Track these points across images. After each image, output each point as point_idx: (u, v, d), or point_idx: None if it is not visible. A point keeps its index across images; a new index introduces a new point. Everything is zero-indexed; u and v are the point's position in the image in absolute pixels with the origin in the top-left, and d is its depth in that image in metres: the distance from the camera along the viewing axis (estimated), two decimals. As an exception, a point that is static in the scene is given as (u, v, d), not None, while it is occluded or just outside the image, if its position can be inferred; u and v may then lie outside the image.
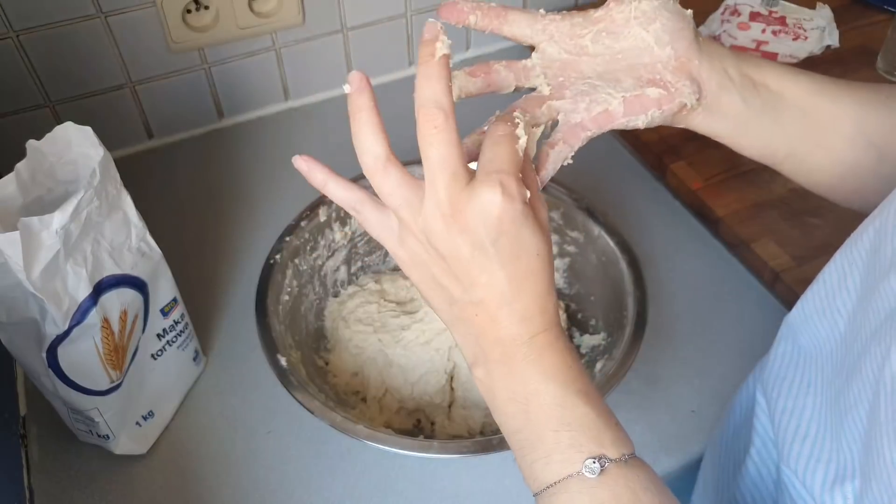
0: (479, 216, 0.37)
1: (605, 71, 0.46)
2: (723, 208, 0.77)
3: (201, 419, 0.65)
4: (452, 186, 0.37)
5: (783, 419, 0.45)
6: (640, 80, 0.45)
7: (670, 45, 0.45)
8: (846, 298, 0.42)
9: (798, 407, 0.44)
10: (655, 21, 0.45)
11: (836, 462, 0.40)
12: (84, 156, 0.52)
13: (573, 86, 0.46)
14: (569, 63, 0.47)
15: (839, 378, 0.40)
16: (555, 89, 0.46)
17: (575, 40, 0.46)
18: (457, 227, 0.37)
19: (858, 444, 0.37)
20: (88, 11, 0.77)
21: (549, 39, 0.46)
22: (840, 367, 0.41)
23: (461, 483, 0.60)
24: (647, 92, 0.45)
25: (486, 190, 0.36)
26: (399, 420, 0.64)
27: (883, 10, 1.00)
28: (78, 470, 0.61)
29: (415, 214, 0.38)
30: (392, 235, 0.41)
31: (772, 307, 0.72)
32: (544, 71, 0.47)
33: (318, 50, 0.92)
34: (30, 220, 0.45)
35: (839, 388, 0.40)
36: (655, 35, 0.45)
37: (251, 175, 0.87)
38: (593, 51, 0.46)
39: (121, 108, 0.86)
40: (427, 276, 0.40)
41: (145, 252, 0.56)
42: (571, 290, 0.71)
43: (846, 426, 0.38)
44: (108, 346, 0.54)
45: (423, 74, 0.37)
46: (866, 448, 0.36)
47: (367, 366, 0.65)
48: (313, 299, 0.69)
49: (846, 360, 0.40)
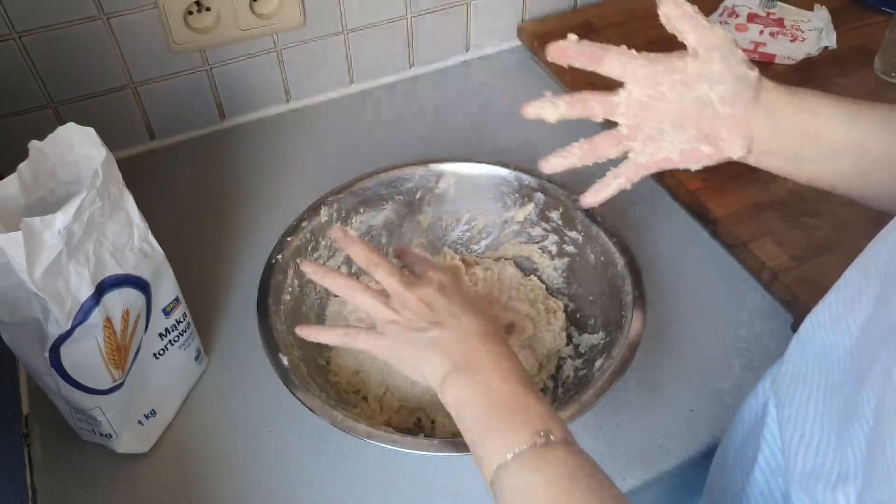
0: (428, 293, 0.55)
1: (675, 116, 0.53)
2: (721, 209, 0.77)
3: (203, 418, 0.65)
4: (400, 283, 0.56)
5: (788, 427, 0.46)
6: (701, 132, 0.53)
7: (731, 105, 0.51)
8: (860, 310, 0.42)
9: (802, 414, 0.45)
10: (721, 83, 0.51)
11: (839, 466, 0.40)
12: (86, 156, 0.52)
13: (646, 128, 0.54)
14: (647, 106, 0.53)
15: (848, 386, 0.41)
16: (630, 130, 0.55)
17: (655, 87, 0.53)
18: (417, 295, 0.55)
19: (863, 447, 0.37)
20: (90, 13, 0.77)
21: (635, 81, 0.53)
22: (850, 375, 0.41)
23: (461, 481, 0.61)
24: (702, 147, 0.53)
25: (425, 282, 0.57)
26: (399, 419, 0.64)
27: (880, 11, 1.01)
28: (80, 469, 0.61)
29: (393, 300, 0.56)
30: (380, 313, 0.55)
31: (770, 307, 0.73)
32: (626, 110, 0.54)
33: (319, 51, 0.92)
34: (32, 221, 0.46)
35: (847, 395, 0.40)
36: (719, 95, 0.51)
37: (252, 175, 0.87)
38: (669, 97, 0.53)
39: (123, 109, 0.86)
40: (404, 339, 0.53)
41: (147, 252, 0.56)
42: (570, 289, 0.72)
43: (852, 432, 0.38)
44: (111, 345, 0.54)
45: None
46: (869, 448, 0.36)
47: (368, 365, 0.65)
48: (314, 299, 0.69)
49: (856, 368, 0.40)
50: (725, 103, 0.51)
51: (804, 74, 0.92)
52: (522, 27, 1.03)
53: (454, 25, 0.99)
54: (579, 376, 0.64)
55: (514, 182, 0.72)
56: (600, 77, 0.54)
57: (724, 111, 0.52)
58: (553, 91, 0.55)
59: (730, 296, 0.74)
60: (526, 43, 1.03)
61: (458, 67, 1.02)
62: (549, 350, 0.67)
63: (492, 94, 0.97)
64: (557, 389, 0.66)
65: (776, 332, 0.70)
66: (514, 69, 1.02)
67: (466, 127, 0.92)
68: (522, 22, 1.04)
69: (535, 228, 0.73)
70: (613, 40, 0.54)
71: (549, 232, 0.72)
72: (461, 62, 1.03)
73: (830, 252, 0.72)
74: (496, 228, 0.75)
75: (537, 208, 0.72)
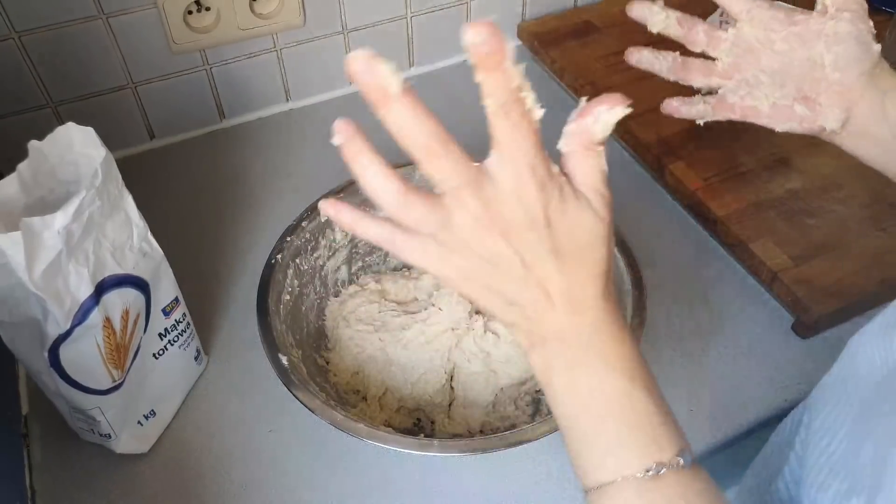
0: (579, 227, 0.36)
1: (778, 70, 0.51)
2: (721, 208, 0.77)
3: (203, 418, 0.65)
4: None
5: (812, 437, 0.44)
6: (800, 91, 0.50)
7: (842, 71, 0.49)
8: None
9: (827, 425, 0.44)
10: (840, 45, 0.49)
11: (850, 480, 0.39)
12: (86, 156, 0.52)
13: (744, 72, 0.52)
14: (753, 50, 0.51)
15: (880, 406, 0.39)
16: (728, 67, 0.53)
17: (768, 33, 0.51)
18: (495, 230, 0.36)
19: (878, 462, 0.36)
20: (90, 13, 0.77)
21: (750, 21, 0.51)
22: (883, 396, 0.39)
23: (461, 481, 0.61)
24: (795, 107, 0.50)
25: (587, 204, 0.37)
26: (399, 419, 0.64)
27: (881, 11, 1.00)
28: (80, 469, 0.61)
29: (451, 231, 0.36)
30: (433, 259, 0.38)
31: (770, 307, 0.73)
32: (730, 48, 0.52)
33: (318, 51, 0.92)
34: (32, 221, 0.46)
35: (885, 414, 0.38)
36: (834, 57, 0.49)
37: (252, 175, 0.87)
38: (778, 48, 0.50)
39: (122, 108, 0.86)
40: (478, 286, 0.38)
41: (147, 252, 0.56)
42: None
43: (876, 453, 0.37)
44: (110, 345, 0.54)
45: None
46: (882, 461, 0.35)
47: (368, 365, 0.65)
48: (314, 299, 0.69)
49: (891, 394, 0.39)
50: (837, 68, 0.49)
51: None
52: (522, 27, 1.03)
53: (454, 25, 0.99)
54: (579, 376, 0.64)
55: (513, 182, 0.71)
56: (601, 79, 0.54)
57: (833, 76, 0.49)
58: (553, 91, 0.55)
59: (729, 296, 0.74)
60: (526, 43, 1.03)
61: (458, 67, 1.02)
62: (549, 350, 0.67)
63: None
64: (557, 389, 0.66)
65: (776, 332, 0.70)
66: (514, 69, 1.02)
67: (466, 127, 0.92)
68: (522, 22, 1.04)
69: (535, 228, 0.73)
70: (614, 40, 0.54)
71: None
72: (461, 62, 1.03)
73: (830, 252, 0.72)
74: (496, 228, 0.75)
75: (537, 208, 0.72)
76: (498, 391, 0.64)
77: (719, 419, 0.64)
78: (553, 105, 0.37)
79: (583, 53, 0.96)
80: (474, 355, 0.64)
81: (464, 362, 0.65)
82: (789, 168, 0.81)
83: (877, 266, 0.71)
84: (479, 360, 0.64)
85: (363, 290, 0.70)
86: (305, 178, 0.85)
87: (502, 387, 0.64)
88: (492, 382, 0.64)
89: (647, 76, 0.59)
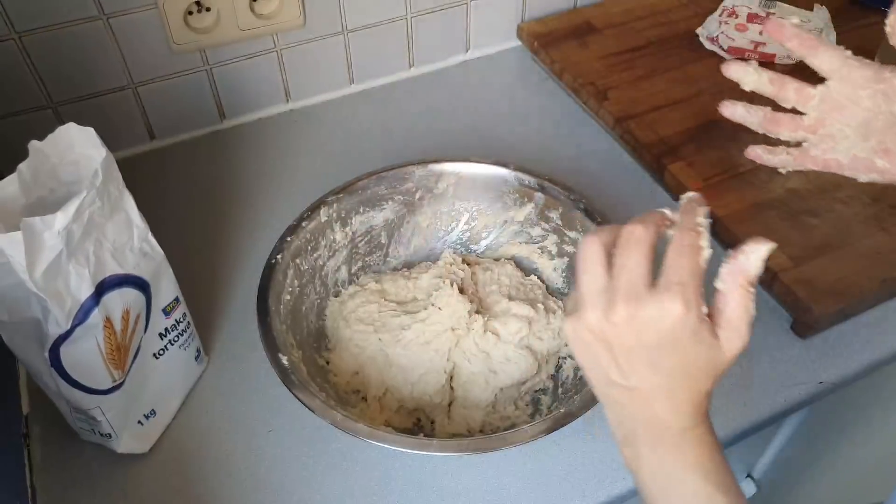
0: (653, 321, 0.39)
1: (862, 123, 0.53)
2: (721, 208, 0.77)
3: (203, 418, 0.65)
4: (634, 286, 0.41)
5: None
6: (881, 144, 0.52)
7: None
8: None
9: None
10: None
11: None
12: (86, 157, 0.52)
13: (830, 126, 0.54)
14: (841, 107, 0.53)
15: None
16: (814, 121, 0.55)
17: (856, 90, 0.52)
18: (631, 323, 0.40)
19: None
20: (90, 13, 0.77)
21: (839, 80, 0.53)
22: None
23: (461, 481, 0.61)
24: (876, 160, 0.52)
25: (666, 298, 0.39)
26: (399, 419, 0.64)
27: (880, 11, 1.00)
28: (80, 469, 0.61)
29: (594, 306, 0.41)
30: (573, 314, 0.43)
31: (770, 307, 0.72)
32: (819, 104, 0.54)
33: (319, 52, 0.92)
34: (32, 221, 0.46)
35: None
36: None
37: (252, 176, 0.87)
38: (865, 104, 0.52)
39: (123, 109, 0.86)
40: (590, 354, 0.43)
41: (147, 252, 0.56)
42: (570, 289, 0.72)
43: None
44: (111, 345, 0.54)
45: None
46: None
47: (368, 365, 0.65)
48: (314, 299, 0.69)
49: None
50: None
51: (803, 74, 0.92)
52: (522, 27, 1.03)
53: (454, 25, 0.99)
54: (579, 376, 0.64)
55: (513, 182, 0.72)
56: (601, 79, 0.54)
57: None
58: (552, 91, 0.55)
59: (730, 296, 0.74)
60: (526, 43, 1.03)
61: (458, 67, 1.02)
62: (549, 350, 0.67)
63: (491, 95, 0.97)
64: (557, 389, 0.66)
65: (776, 332, 0.70)
66: (513, 69, 1.02)
67: (466, 127, 0.92)
68: (522, 22, 1.04)
69: (535, 228, 0.73)
70: (614, 41, 0.54)
71: (549, 232, 0.72)
72: (461, 62, 1.03)
73: (830, 252, 0.72)
74: (496, 228, 0.75)
75: (537, 208, 0.72)
76: (498, 391, 0.64)
77: (719, 419, 0.64)
78: (553, 105, 0.37)
79: (583, 54, 0.96)
80: (474, 355, 0.64)
81: (464, 362, 0.65)
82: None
83: (877, 266, 0.71)
84: (479, 360, 0.64)
85: (363, 290, 0.71)
86: (305, 178, 0.85)
87: (502, 387, 0.64)
88: (492, 382, 0.64)
89: (646, 77, 0.59)
